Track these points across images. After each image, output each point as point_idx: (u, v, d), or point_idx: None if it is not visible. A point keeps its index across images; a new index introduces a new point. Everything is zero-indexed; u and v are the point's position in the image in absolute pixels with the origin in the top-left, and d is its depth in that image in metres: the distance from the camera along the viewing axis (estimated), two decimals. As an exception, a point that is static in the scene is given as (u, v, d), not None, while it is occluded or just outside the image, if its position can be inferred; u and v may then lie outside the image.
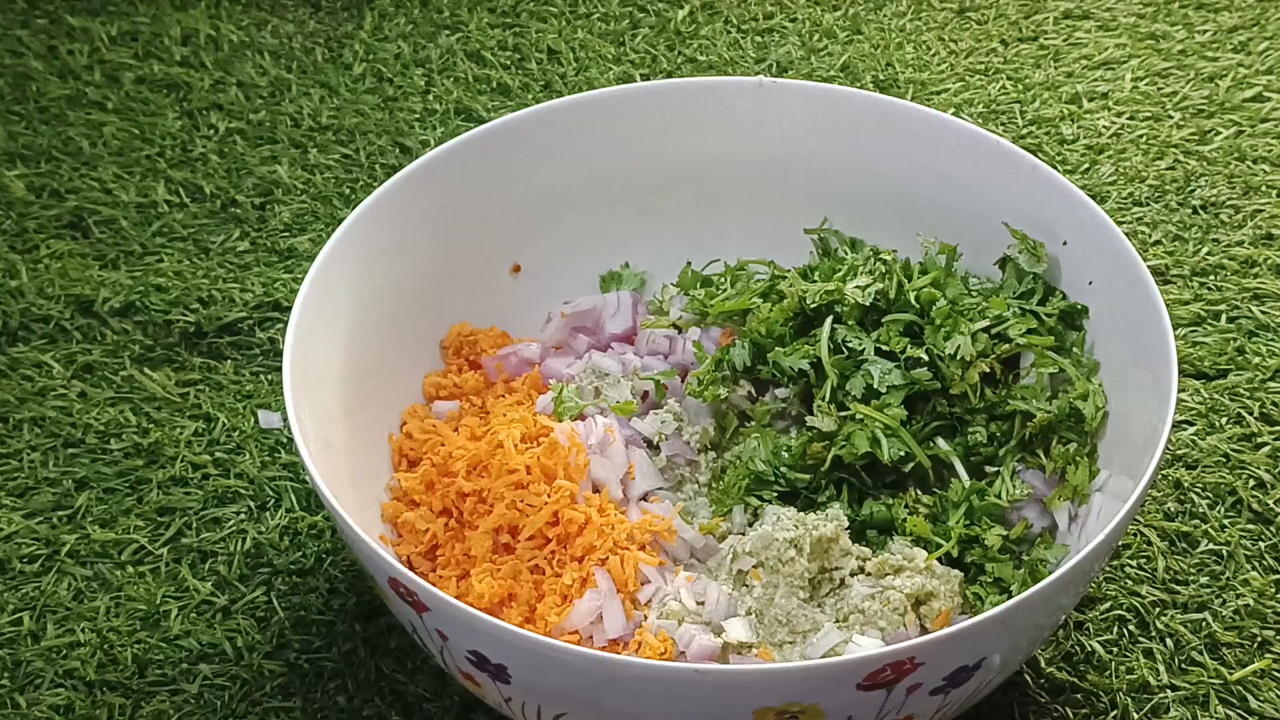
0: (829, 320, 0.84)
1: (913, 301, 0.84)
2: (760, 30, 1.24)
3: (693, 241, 0.95)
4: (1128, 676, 0.81)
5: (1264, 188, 1.08)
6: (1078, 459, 0.81)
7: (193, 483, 0.91)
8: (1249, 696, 0.80)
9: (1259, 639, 0.82)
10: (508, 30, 1.24)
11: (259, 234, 1.07)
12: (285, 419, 0.78)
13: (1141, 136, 1.12)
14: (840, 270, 0.87)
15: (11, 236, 1.06)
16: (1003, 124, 1.14)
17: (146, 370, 0.97)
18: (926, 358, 0.82)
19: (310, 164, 1.12)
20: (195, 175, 1.11)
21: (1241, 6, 1.24)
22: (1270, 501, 0.89)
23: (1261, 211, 1.06)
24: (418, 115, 1.16)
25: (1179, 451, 0.91)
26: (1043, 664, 0.81)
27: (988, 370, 0.83)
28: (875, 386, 0.81)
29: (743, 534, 0.80)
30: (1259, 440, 0.92)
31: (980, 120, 1.14)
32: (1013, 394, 0.83)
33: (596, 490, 0.82)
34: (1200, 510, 0.88)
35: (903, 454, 0.80)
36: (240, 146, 1.13)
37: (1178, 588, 0.85)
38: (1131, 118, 1.14)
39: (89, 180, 1.10)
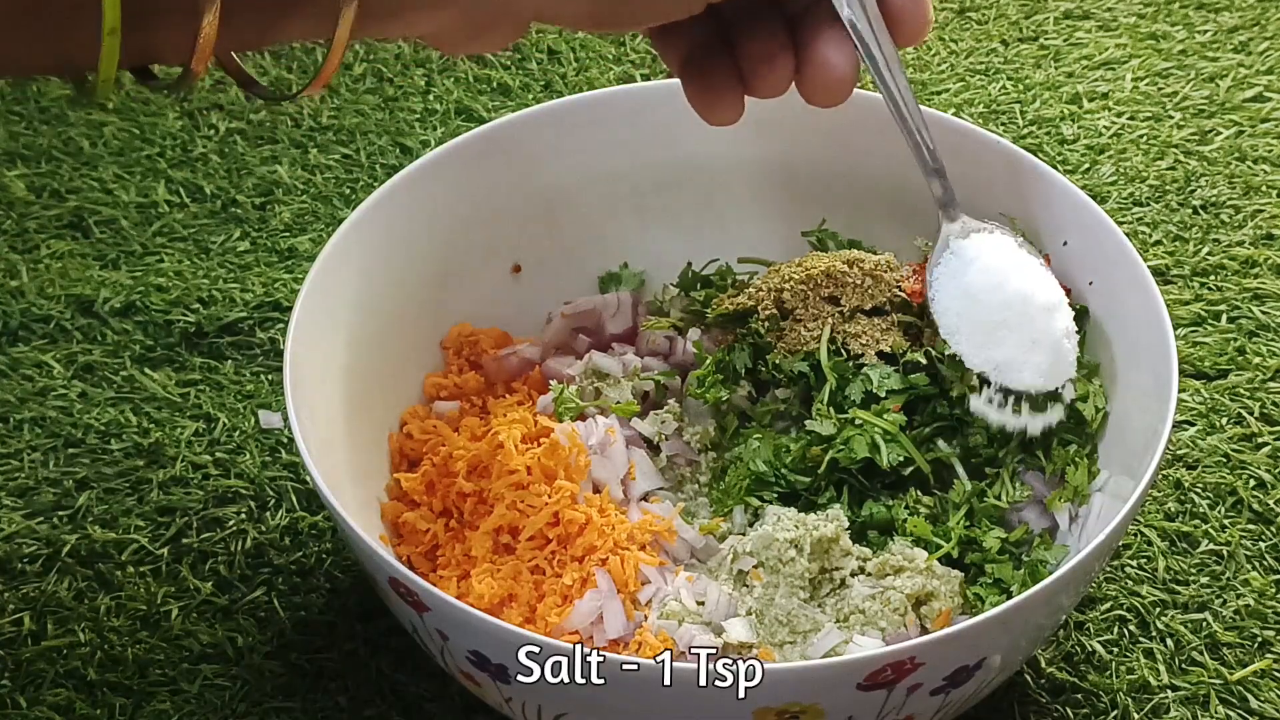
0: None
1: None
2: (760, 30, 1.24)
3: (693, 241, 0.95)
4: (1128, 676, 0.81)
5: (1264, 188, 1.08)
6: (1078, 460, 0.81)
7: (193, 483, 0.91)
8: (1249, 696, 0.80)
9: (1259, 639, 0.82)
10: (508, 30, 1.23)
11: (259, 234, 1.06)
12: (285, 419, 0.78)
13: (1142, 136, 1.12)
14: (840, 270, 0.87)
15: (12, 236, 1.06)
16: (1003, 124, 1.14)
17: (147, 370, 0.97)
18: (925, 360, 0.82)
19: (310, 164, 1.12)
20: (195, 175, 1.11)
21: (1242, 6, 1.24)
22: (1271, 501, 0.89)
23: (1262, 211, 1.06)
24: (418, 115, 1.16)
25: (1179, 451, 0.91)
26: (1043, 664, 0.81)
27: (988, 371, 0.83)
28: (874, 391, 0.81)
29: (743, 534, 0.80)
30: (1259, 440, 0.92)
31: (980, 120, 1.14)
32: (1013, 395, 0.83)
33: (597, 491, 0.82)
34: (1201, 510, 0.88)
35: (902, 459, 0.80)
36: (240, 146, 1.13)
37: (1178, 588, 0.85)
38: (1132, 118, 1.14)
39: (89, 180, 1.10)
